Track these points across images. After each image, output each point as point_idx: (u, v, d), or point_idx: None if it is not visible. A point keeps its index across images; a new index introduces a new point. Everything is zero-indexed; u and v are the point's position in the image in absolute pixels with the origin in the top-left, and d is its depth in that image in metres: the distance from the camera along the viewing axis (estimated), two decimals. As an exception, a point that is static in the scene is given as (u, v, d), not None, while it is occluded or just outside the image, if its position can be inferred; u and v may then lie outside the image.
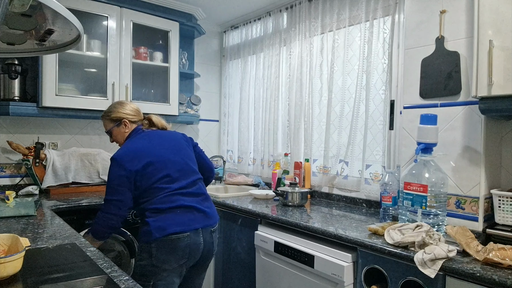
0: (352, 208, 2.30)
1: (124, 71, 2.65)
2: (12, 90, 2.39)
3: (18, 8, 0.88)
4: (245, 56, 3.31)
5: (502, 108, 1.43)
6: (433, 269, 1.28)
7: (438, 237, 1.42)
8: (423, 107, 1.80)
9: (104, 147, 2.89)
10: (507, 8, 1.39)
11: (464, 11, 1.67)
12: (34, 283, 1.02)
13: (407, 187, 1.64)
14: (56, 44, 1.29)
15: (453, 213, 1.68)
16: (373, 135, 2.31)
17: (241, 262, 2.28)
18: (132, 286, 1.03)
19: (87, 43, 2.57)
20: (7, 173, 2.53)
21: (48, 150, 2.54)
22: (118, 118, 1.87)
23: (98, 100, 2.56)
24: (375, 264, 1.53)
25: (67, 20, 1.02)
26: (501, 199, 1.56)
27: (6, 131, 2.52)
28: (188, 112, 3.18)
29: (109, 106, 1.94)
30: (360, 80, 2.31)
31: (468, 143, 1.65)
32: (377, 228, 1.65)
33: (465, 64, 1.67)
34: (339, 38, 2.48)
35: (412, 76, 1.86)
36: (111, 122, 1.88)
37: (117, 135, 1.88)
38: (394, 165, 2.15)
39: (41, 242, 1.39)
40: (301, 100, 2.72)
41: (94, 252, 1.29)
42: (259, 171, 3.13)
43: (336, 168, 2.46)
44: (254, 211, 2.16)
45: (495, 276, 1.16)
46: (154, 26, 2.82)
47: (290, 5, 2.83)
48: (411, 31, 1.87)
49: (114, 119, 1.87)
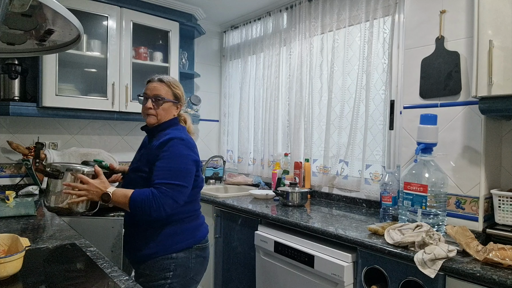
0: (352, 208, 2.30)
1: (124, 71, 2.65)
2: (12, 90, 2.39)
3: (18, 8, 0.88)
4: (245, 56, 3.31)
5: (502, 108, 1.43)
6: (433, 269, 1.28)
7: (438, 237, 1.42)
8: (423, 107, 1.80)
9: (104, 147, 2.89)
10: (507, 8, 1.39)
11: (464, 11, 1.67)
12: (34, 283, 1.02)
13: (407, 187, 1.64)
14: (56, 44, 1.29)
15: (453, 213, 1.68)
16: (373, 135, 2.31)
17: (241, 262, 2.28)
18: (132, 286, 1.03)
19: (87, 43, 2.57)
20: (7, 173, 2.53)
21: (48, 150, 2.54)
22: (180, 97, 1.62)
23: (98, 100, 2.56)
24: (375, 264, 1.53)
25: (67, 20, 1.02)
26: (501, 199, 1.56)
27: (6, 131, 2.52)
28: (188, 112, 3.18)
29: (171, 77, 1.65)
30: (360, 80, 2.31)
31: (468, 143, 1.65)
32: (377, 228, 1.65)
33: (465, 64, 1.67)
34: (339, 38, 2.48)
35: (412, 76, 1.86)
36: (172, 95, 1.59)
37: (167, 110, 1.57)
38: (394, 165, 2.15)
39: (41, 242, 1.39)
40: (301, 100, 2.72)
41: (94, 252, 1.29)
42: (259, 171, 3.13)
43: (336, 168, 2.46)
44: (254, 211, 2.16)
45: (495, 276, 1.16)
46: (154, 26, 2.82)
47: (290, 5, 2.83)
48: (411, 31, 1.87)
49: (175, 95, 1.60)
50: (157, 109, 1.54)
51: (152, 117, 1.55)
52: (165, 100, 1.55)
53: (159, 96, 1.54)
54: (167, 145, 1.45)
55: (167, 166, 1.43)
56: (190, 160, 1.48)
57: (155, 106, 1.54)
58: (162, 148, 1.45)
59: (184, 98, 1.65)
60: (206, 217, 1.80)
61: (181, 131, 1.56)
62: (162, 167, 1.42)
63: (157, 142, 1.49)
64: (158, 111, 1.54)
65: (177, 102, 1.60)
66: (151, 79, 1.60)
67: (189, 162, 1.47)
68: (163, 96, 1.55)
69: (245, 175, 3.20)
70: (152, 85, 1.57)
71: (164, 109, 1.56)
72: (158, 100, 1.54)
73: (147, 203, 1.36)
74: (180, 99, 1.62)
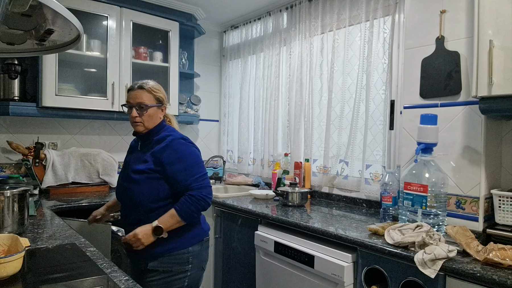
0: (352, 208, 2.30)
1: (124, 71, 2.65)
2: (12, 90, 2.39)
3: (18, 8, 0.88)
4: (245, 56, 3.31)
5: (502, 108, 1.43)
6: (433, 269, 1.28)
7: (438, 237, 1.42)
8: (423, 107, 1.80)
9: (104, 147, 2.89)
10: (507, 8, 1.39)
11: (464, 11, 1.67)
12: (34, 283, 1.02)
13: (407, 187, 1.64)
14: (56, 44, 1.29)
15: (453, 213, 1.68)
16: (373, 135, 2.31)
17: (241, 262, 2.28)
18: (132, 286, 1.03)
19: (87, 43, 2.57)
20: (7, 173, 2.53)
21: (48, 150, 2.54)
22: (162, 99, 1.64)
23: (98, 100, 2.55)
24: (375, 264, 1.53)
25: (67, 20, 1.02)
26: (501, 199, 1.56)
27: (6, 131, 2.51)
28: (188, 112, 3.18)
29: (150, 81, 1.65)
30: (360, 80, 2.31)
31: (468, 143, 1.65)
32: (377, 228, 1.64)
33: (465, 64, 1.67)
34: (339, 38, 2.48)
35: (412, 76, 1.86)
36: (155, 99, 1.61)
37: (153, 116, 1.60)
38: (394, 165, 2.15)
39: (41, 242, 1.39)
40: (301, 100, 2.72)
41: (94, 252, 1.29)
42: (259, 171, 3.12)
43: (336, 168, 2.46)
44: (254, 211, 2.16)
45: (495, 276, 1.16)
46: (154, 26, 2.82)
47: (290, 5, 2.83)
48: (411, 31, 1.87)
49: (158, 98, 1.62)
50: (143, 117, 1.58)
51: (139, 125, 1.59)
52: (149, 106, 1.58)
53: (142, 103, 1.57)
54: (172, 148, 1.54)
55: (183, 166, 1.52)
56: (198, 153, 1.61)
57: (140, 114, 1.57)
58: (166, 151, 1.54)
59: (166, 99, 1.68)
60: (207, 217, 1.81)
61: (175, 131, 1.65)
62: (180, 169, 1.52)
63: (158, 147, 1.56)
64: (144, 118, 1.58)
65: (161, 105, 1.63)
66: (132, 88, 1.62)
67: (198, 155, 1.60)
68: (146, 103, 1.57)
69: (245, 175, 3.20)
70: (133, 94, 1.59)
71: (150, 115, 1.59)
72: (142, 108, 1.57)
73: (192, 205, 1.49)
74: (163, 101, 1.65)
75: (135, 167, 1.58)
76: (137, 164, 1.58)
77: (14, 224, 1.47)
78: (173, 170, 1.51)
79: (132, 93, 1.60)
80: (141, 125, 1.59)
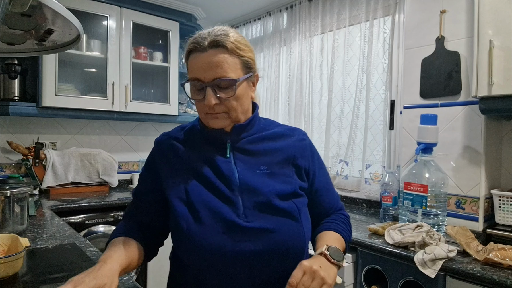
0: (352, 208, 2.30)
1: (124, 71, 2.65)
2: (12, 90, 2.39)
3: (18, 8, 0.88)
4: (245, 56, 3.31)
5: (502, 108, 1.43)
6: (433, 269, 1.28)
7: (438, 237, 1.42)
8: (423, 107, 1.80)
9: (104, 147, 2.89)
10: (507, 8, 1.39)
11: (464, 11, 1.67)
12: (34, 283, 1.02)
13: (407, 187, 1.64)
14: (56, 44, 1.28)
15: (453, 213, 1.68)
16: (373, 135, 2.31)
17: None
18: (132, 286, 1.02)
19: (87, 43, 2.57)
20: (7, 173, 2.53)
21: (48, 150, 2.54)
22: (252, 63, 0.94)
23: (98, 100, 2.55)
24: (375, 264, 1.52)
25: (67, 20, 1.02)
26: (501, 199, 1.56)
27: (6, 131, 2.51)
28: (188, 112, 3.17)
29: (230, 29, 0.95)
30: (360, 80, 2.31)
31: (468, 143, 1.65)
32: (377, 228, 1.64)
33: (465, 64, 1.67)
34: (339, 38, 2.48)
35: (412, 76, 1.86)
36: (242, 66, 0.90)
37: (242, 97, 0.90)
38: (394, 165, 2.15)
39: (41, 242, 1.39)
40: (301, 100, 2.72)
41: (94, 252, 1.29)
42: (259, 171, 3.12)
43: (336, 168, 2.46)
44: (254, 211, 2.16)
45: (495, 276, 1.16)
46: (154, 26, 2.82)
47: (290, 5, 2.83)
48: (411, 31, 1.87)
49: (247, 63, 0.92)
50: (229, 102, 0.87)
51: (221, 118, 0.89)
52: (238, 82, 0.87)
53: (226, 78, 0.85)
54: (312, 147, 1.02)
55: (329, 180, 1.04)
56: None
57: (223, 99, 0.86)
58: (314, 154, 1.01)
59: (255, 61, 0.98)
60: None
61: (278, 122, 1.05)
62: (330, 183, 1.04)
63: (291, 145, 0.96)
64: (231, 104, 0.87)
65: (251, 74, 0.93)
66: (201, 47, 0.88)
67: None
68: (233, 77, 0.86)
69: (245, 175, 3.19)
70: (207, 60, 0.86)
71: (239, 97, 0.88)
72: (226, 88, 0.86)
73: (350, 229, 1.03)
74: (253, 65, 0.95)
75: (275, 189, 0.88)
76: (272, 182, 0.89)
77: (14, 224, 1.47)
78: (324, 183, 1.00)
79: (203, 58, 0.87)
80: (224, 118, 0.89)
